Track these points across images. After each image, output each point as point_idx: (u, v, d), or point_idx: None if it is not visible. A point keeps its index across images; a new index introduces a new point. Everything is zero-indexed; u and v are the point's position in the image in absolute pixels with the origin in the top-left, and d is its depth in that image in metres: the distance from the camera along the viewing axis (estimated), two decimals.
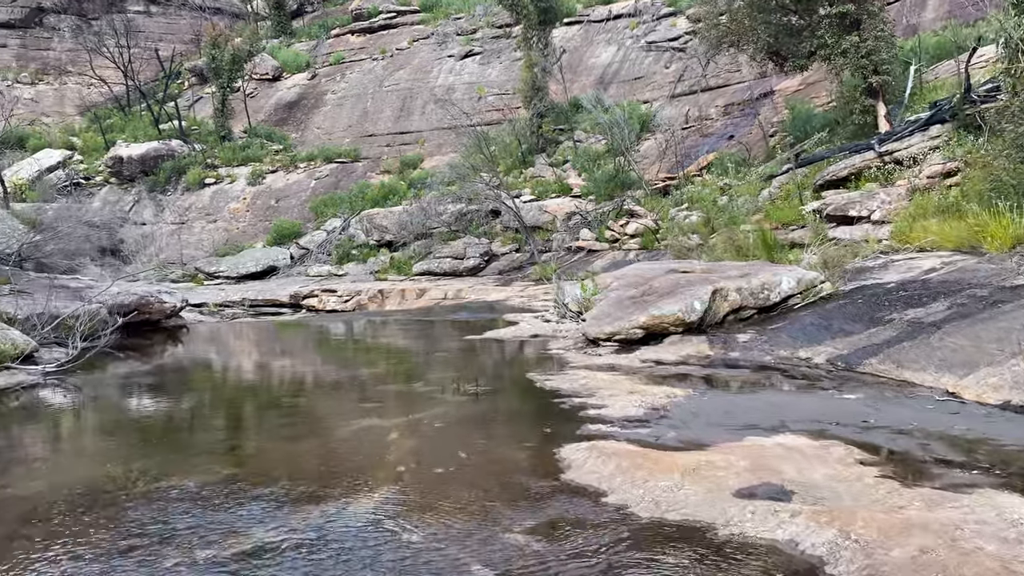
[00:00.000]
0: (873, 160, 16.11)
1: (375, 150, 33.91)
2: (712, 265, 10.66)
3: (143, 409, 6.71)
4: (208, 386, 7.74)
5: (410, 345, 10.28)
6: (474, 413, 5.80)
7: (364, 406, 6.24)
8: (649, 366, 7.46)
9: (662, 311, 8.50)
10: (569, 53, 32.79)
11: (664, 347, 8.30)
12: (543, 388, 6.59)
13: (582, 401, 5.98)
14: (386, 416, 5.82)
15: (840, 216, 14.71)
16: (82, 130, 36.03)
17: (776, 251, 11.72)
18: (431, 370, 7.95)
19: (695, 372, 7.09)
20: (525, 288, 19.63)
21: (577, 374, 7.12)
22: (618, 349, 8.42)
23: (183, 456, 4.92)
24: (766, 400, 5.86)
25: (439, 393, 6.58)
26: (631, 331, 8.51)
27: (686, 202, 21.81)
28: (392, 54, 37.45)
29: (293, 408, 6.38)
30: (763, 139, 23.98)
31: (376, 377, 7.63)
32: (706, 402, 5.82)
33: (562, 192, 25.86)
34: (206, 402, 6.87)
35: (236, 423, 5.89)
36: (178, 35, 40.71)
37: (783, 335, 8.23)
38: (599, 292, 11.02)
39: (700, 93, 27.99)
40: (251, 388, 7.60)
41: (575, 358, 8.12)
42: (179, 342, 12.20)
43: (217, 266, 28.73)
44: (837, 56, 17.88)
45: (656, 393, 6.12)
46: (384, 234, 27.42)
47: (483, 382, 6.98)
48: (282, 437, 5.35)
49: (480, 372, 7.68)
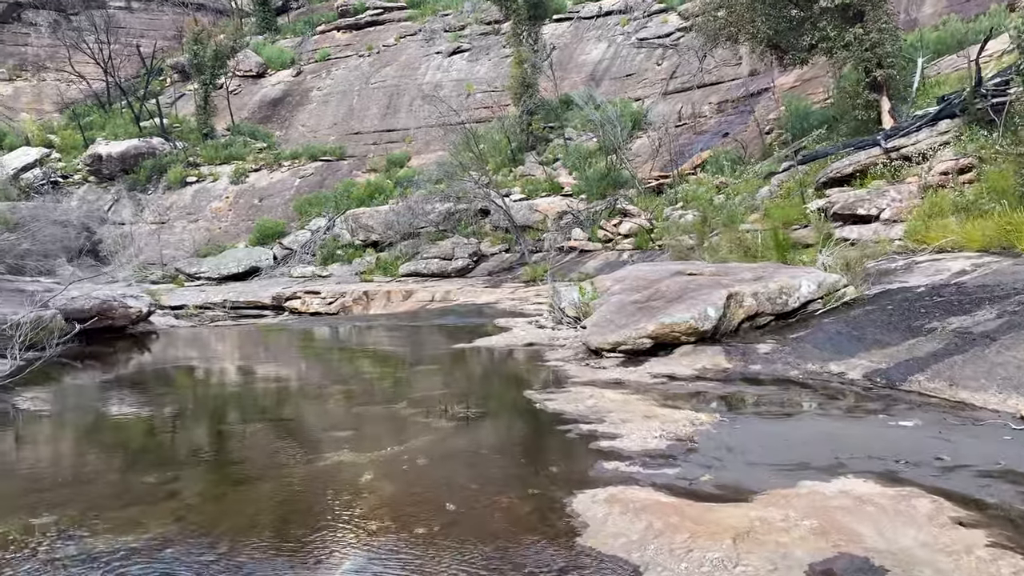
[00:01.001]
0: (879, 157, 15.26)
1: (361, 148, 32.87)
2: (721, 267, 9.73)
3: (76, 436, 5.72)
4: (162, 406, 6.74)
5: (393, 355, 9.30)
6: (464, 445, 4.84)
7: (336, 434, 5.27)
8: (662, 382, 6.52)
9: (673, 319, 7.56)
10: (559, 50, 31.87)
11: (676, 359, 7.36)
12: (544, 410, 5.64)
13: (591, 428, 5.03)
14: (361, 448, 4.85)
15: (848, 215, 13.84)
16: (60, 128, 34.80)
17: (788, 252, 10.80)
18: (415, 386, 6.98)
19: (716, 390, 6.16)
20: (516, 290, 18.68)
21: (581, 392, 6.17)
22: (624, 361, 7.48)
23: (108, 505, 3.94)
24: (809, 428, 4.92)
25: (424, 417, 5.62)
26: (638, 341, 7.57)
27: (681, 201, 20.91)
28: (379, 51, 36.40)
29: (253, 436, 5.40)
30: (759, 136, 23.12)
31: (353, 396, 6.66)
32: (739, 431, 4.88)
33: (553, 191, 24.91)
34: (155, 428, 5.88)
35: (184, 457, 4.91)
36: (160, 31, 39.52)
37: (808, 345, 7.31)
38: (599, 296, 10.08)
39: (694, 90, 27.12)
40: (210, 410, 6.61)
41: (577, 372, 7.18)
42: (146, 350, 11.18)
43: (198, 267, 27.65)
44: (839, 49, 17.02)
45: (677, 419, 5.17)
46: (370, 234, 26.40)
47: (474, 402, 6.03)
48: (234, 479, 4.38)
49: (471, 389, 6.72)
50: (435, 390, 6.68)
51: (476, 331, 11.01)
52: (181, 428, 5.80)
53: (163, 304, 23.28)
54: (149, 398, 7.07)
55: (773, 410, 5.46)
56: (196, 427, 5.83)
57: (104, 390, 7.62)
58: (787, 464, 4.14)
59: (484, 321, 12.15)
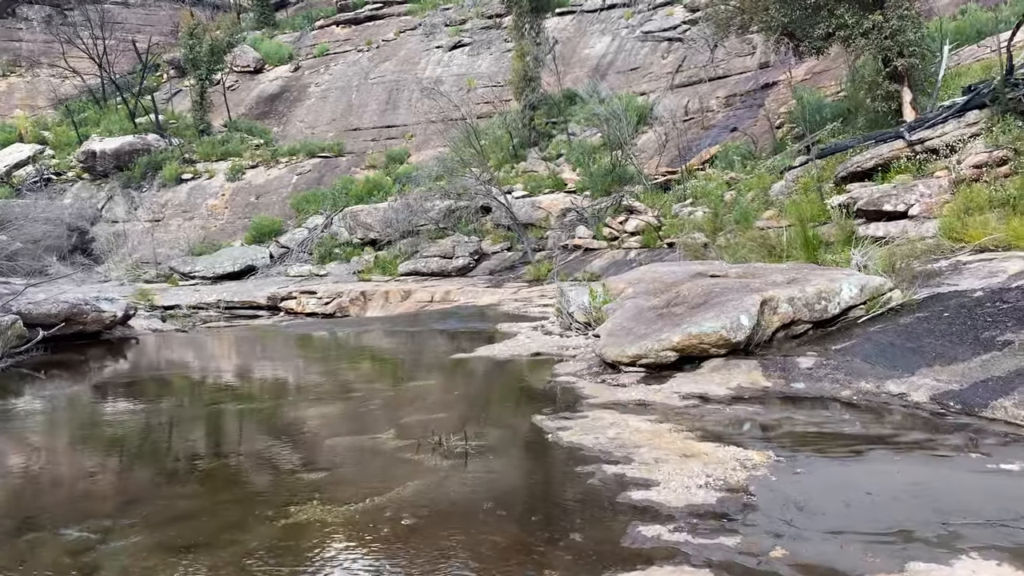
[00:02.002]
0: (903, 150, 14.24)
1: (360, 144, 31.84)
2: (748, 268, 8.71)
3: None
4: (104, 433, 5.75)
5: (385, 368, 8.29)
6: (461, 496, 3.83)
7: (307, 477, 4.27)
8: (694, 404, 5.51)
9: (701, 328, 6.54)
10: (562, 44, 30.83)
11: (706, 375, 6.35)
12: (558, 443, 4.64)
13: (618, 471, 4.03)
14: (334, 498, 3.85)
15: (873, 211, 12.81)
16: (54, 124, 33.78)
17: (817, 251, 9.77)
18: (407, 408, 5.97)
19: (759, 416, 5.15)
20: (519, 290, 17.67)
21: (600, 418, 5.17)
22: (646, 377, 6.47)
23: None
24: (890, 474, 3.90)
25: (414, 452, 4.61)
26: (661, 354, 6.55)
27: (690, 197, 19.90)
28: (378, 45, 35.37)
29: (207, 480, 4.40)
30: (770, 131, 22.08)
31: (334, 422, 5.65)
32: (803, 477, 3.87)
33: (556, 187, 23.88)
34: (86, 464, 4.89)
35: (113, 510, 3.91)
36: (157, 26, 38.45)
37: (856, 359, 6.30)
38: (611, 300, 9.07)
39: (701, 84, 26.08)
40: (161, 441, 5.59)
41: (593, 390, 6.17)
42: (119, 359, 10.18)
43: (192, 266, 26.65)
44: (858, 37, 15.97)
45: (723, 458, 4.17)
46: (368, 232, 25.39)
47: (474, 431, 5.02)
48: (168, 546, 3.37)
49: (470, 413, 5.71)
50: (429, 413, 5.68)
51: (477, 337, 10.02)
52: (118, 466, 4.80)
53: (155, 304, 22.36)
54: (94, 420, 6.08)
55: (836, 446, 4.44)
56: (137, 465, 4.82)
57: (46, 408, 6.61)
58: (882, 532, 3.12)
59: (486, 326, 11.15)
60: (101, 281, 27.10)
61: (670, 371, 6.54)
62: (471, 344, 9.18)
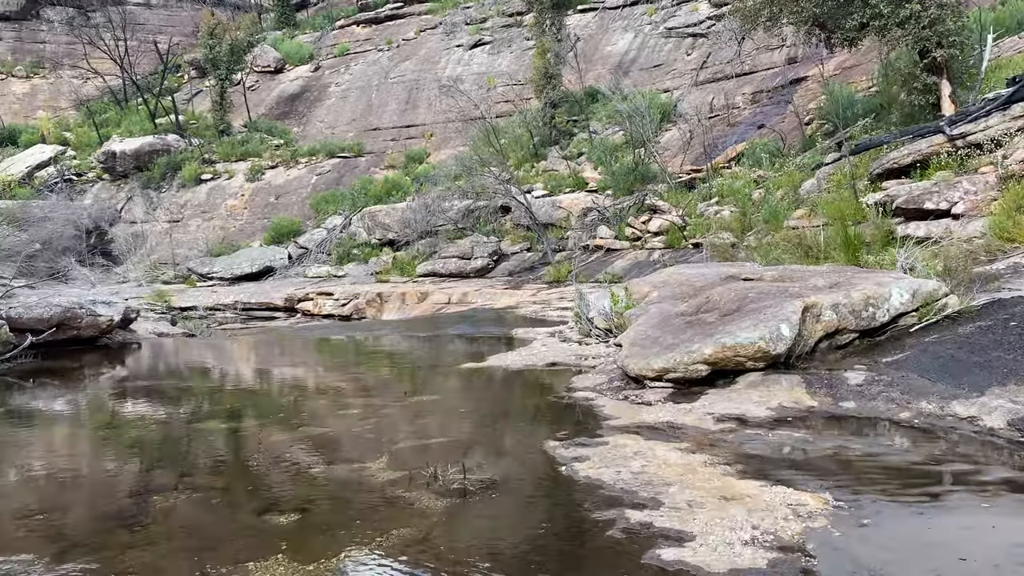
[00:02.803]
0: (943, 145, 13.36)
1: (379, 144, 31.25)
2: (784, 271, 7.92)
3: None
4: (69, 452, 5.12)
5: (387, 379, 7.58)
6: (451, 553, 3.12)
7: (274, 522, 3.57)
8: (731, 429, 4.76)
9: (737, 338, 5.78)
10: (584, 41, 30.03)
11: (742, 392, 5.59)
12: (573, 479, 3.91)
13: (644, 520, 3.30)
14: (302, 551, 3.15)
15: (912, 209, 11.93)
16: (76, 125, 33.50)
17: (859, 252, 8.95)
18: (404, 430, 5.26)
19: (808, 445, 4.38)
20: (537, 292, 16.95)
21: (623, 445, 4.44)
22: (674, 393, 5.72)
23: None
24: (987, 531, 3.13)
25: (405, 487, 3.91)
26: (692, 368, 5.80)
27: (716, 196, 19.07)
28: (398, 45, 34.75)
29: (160, 521, 3.71)
30: (798, 127, 21.19)
31: (320, 446, 4.95)
32: (874, 533, 3.11)
33: (577, 186, 23.12)
34: (31, 494, 4.24)
35: (34, 567, 3.24)
36: (179, 27, 38.12)
37: (912, 374, 5.51)
38: (634, 305, 8.32)
39: (726, 80, 25.21)
40: (122, 465, 4.91)
41: (614, 408, 5.43)
42: (115, 366, 9.58)
43: (211, 266, 26.18)
44: (893, 27, 15.06)
45: (771, 503, 3.42)
46: (387, 232, 24.77)
47: (477, 460, 4.31)
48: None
49: (474, 437, 4.99)
50: (429, 436, 4.97)
51: (491, 344, 9.32)
52: (57, 501, 4.13)
53: (172, 305, 21.90)
54: (62, 446, 5.43)
55: (906, 486, 3.67)
56: (80, 500, 4.15)
57: (17, 427, 5.98)
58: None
59: (501, 331, 10.44)
60: (120, 282, 26.72)
61: (701, 387, 5.79)
62: (483, 351, 8.48)
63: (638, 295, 8.72)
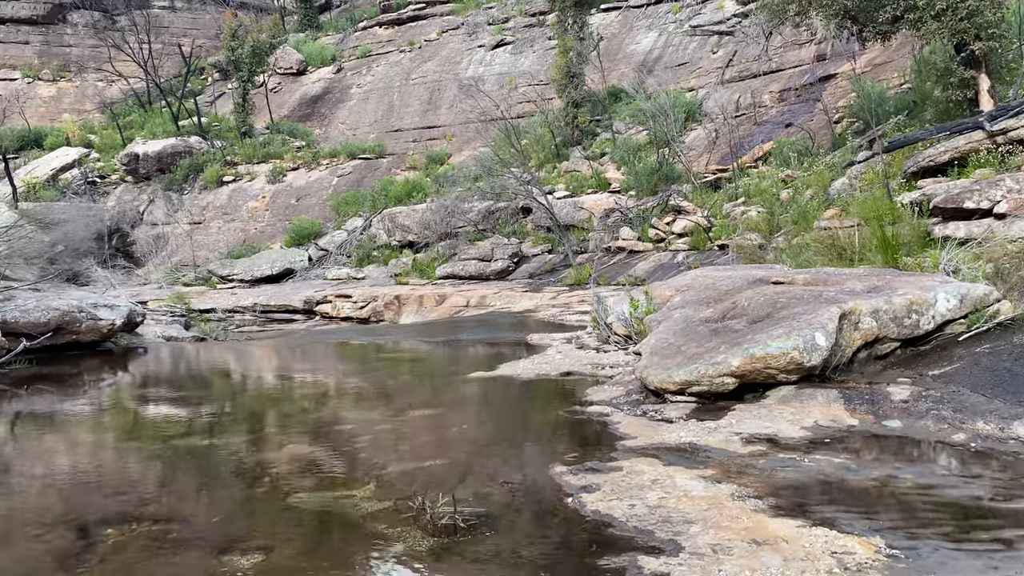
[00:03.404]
0: (982, 141, 12.67)
1: (401, 145, 30.84)
2: (817, 274, 7.31)
3: None
4: (30, 470, 4.67)
5: (389, 389, 7.06)
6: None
7: (233, 564, 3.07)
8: (761, 452, 4.19)
9: (767, 348, 5.20)
10: (607, 40, 29.44)
11: (773, 408, 5.02)
12: (579, 514, 3.38)
13: (660, 568, 2.76)
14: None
15: (951, 209, 11.24)
16: (100, 128, 33.45)
17: (898, 253, 8.31)
18: (398, 451, 4.75)
19: (852, 473, 3.81)
20: (557, 295, 16.40)
21: (639, 471, 3.89)
22: (697, 409, 5.16)
23: None
24: None
25: (388, 521, 3.40)
26: (717, 380, 5.23)
27: (743, 196, 18.42)
28: (420, 46, 34.34)
29: (105, 562, 3.23)
30: (827, 126, 20.47)
31: (302, 468, 4.44)
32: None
33: (600, 187, 22.53)
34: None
35: None
36: (203, 30, 37.97)
37: (963, 389, 4.91)
38: (655, 309, 7.76)
39: (753, 79, 24.50)
40: (83, 488, 4.44)
41: (631, 426, 4.89)
42: (116, 372, 9.18)
43: (231, 268, 25.90)
44: (929, 20, 14.36)
45: (811, 550, 2.86)
46: (407, 234, 24.34)
47: (473, 488, 3.79)
48: None
49: (473, 459, 4.45)
50: (424, 457, 4.45)
51: (504, 351, 8.79)
52: (30, 543, 3.66)
53: (191, 307, 21.62)
54: (22, 451, 4.98)
55: (974, 530, 3.09)
56: (24, 533, 3.67)
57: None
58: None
59: (516, 336, 9.90)
60: (141, 284, 26.54)
61: (727, 401, 5.23)
62: (495, 359, 7.95)
63: (660, 299, 8.16)
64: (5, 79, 34.53)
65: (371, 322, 19.08)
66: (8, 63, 35.14)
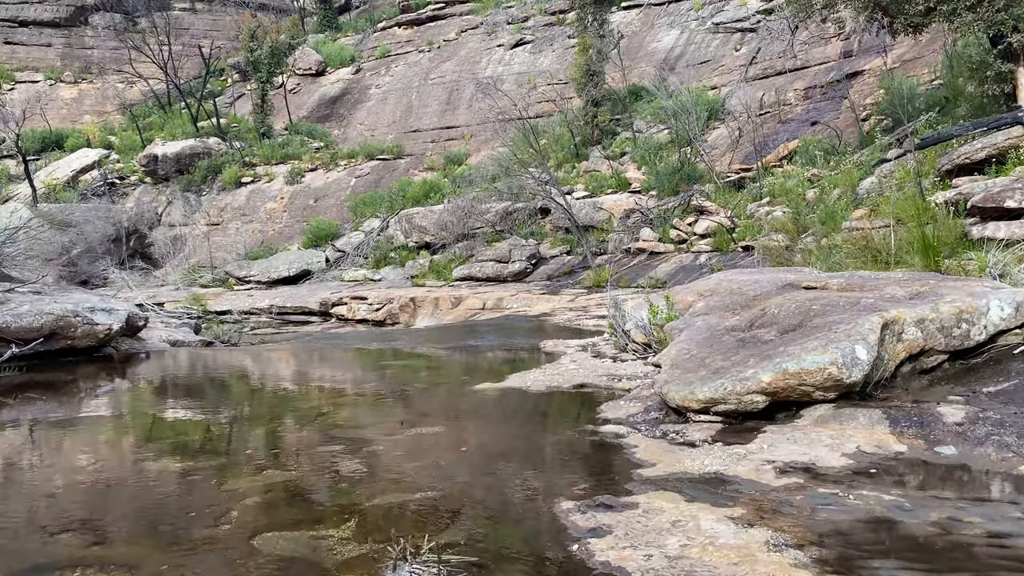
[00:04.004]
0: (1022, 137, 12.03)
1: (419, 146, 30.42)
2: (851, 278, 6.71)
3: None
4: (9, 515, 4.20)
5: (388, 402, 6.51)
6: None
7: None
8: (798, 485, 3.63)
9: (802, 363, 4.62)
10: (628, 39, 28.83)
11: (808, 430, 4.44)
12: (586, 567, 2.84)
13: None
14: None
15: (991, 208, 10.57)
16: (121, 129, 33.31)
17: (939, 256, 7.68)
18: (388, 478, 4.22)
19: (906, 514, 3.23)
20: (575, 298, 15.86)
21: (658, 510, 3.34)
22: (724, 430, 4.60)
23: None
24: None
25: (362, 572, 2.88)
26: (745, 399, 4.67)
27: (767, 196, 17.78)
28: (439, 46, 33.91)
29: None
30: (855, 123, 19.76)
31: (275, 501, 3.94)
32: None
33: (620, 187, 21.96)
34: None
35: None
36: (223, 31, 37.77)
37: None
38: (677, 316, 7.21)
39: (777, 76, 23.80)
40: (26, 522, 4.00)
41: (649, 450, 4.34)
42: (112, 380, 8.75)
43: (248, 270, 25.59)
44: (963, 11, 13.68)
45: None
46: (424, 235, 23.89)
47: (465, 532, 3.26)
48: None
49: (469, 491, 3.91)
50: (414, 487, 3.93)
51: (514, 359, 8.26)
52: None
53: (208, 309, 21.30)
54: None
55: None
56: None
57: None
58: None
59: (530, 343, 9.36)
60: (158, 285, 26.30)
61: (757, 421, 4.66)
62: (506, 368, 7.42)
63: (681, 305, 7.59)
64: (28, 81, 34.53)
65: (386, 324, 18.63)
66: (31, 65, 35.15)
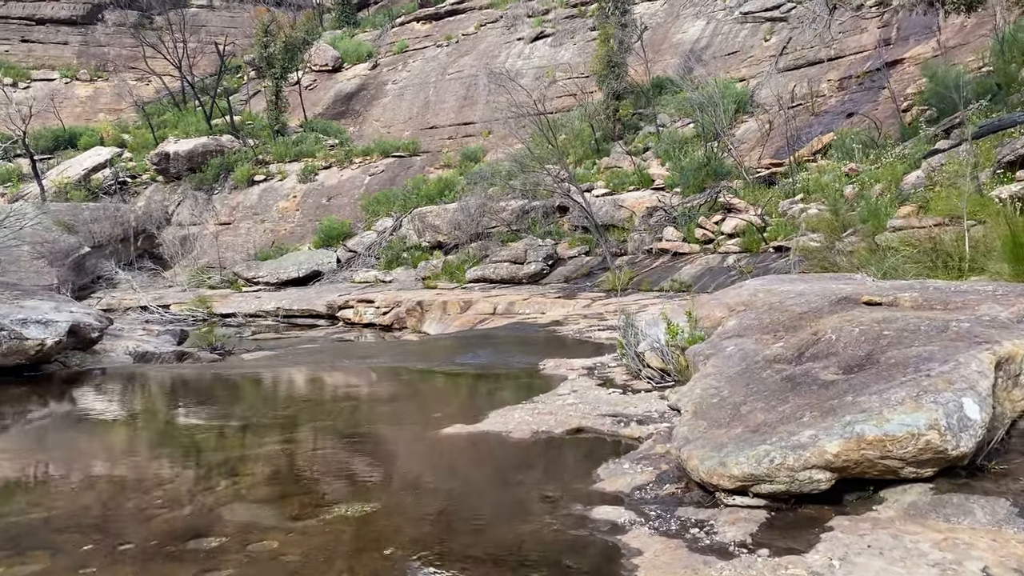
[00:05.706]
0: None
1: (436, 143, 29.02)
2: (926, 291, 5.11)
3: None
4: None
5: (323, 463, 4.94)
6: None
7: None
8: None
9: (885, 427, 3.10)
10: (651, 30, 27.19)
11: (897, 529, 2.91)
12: None
13: None
14: None
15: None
16: (134, 127, 32.30)
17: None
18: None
19: None
20: (592, 303, 14.35)
21: None
22: (769, 521, 3.09)
23: None
24: None
25: None
26: (801, 476, 3.15)
27: (800, 192, 16.15)
28: (457, 40, 32.49)
29: None
30: (895, 114, 18.03)
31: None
32: None
33: (642, 184, 20.38)
34: None
35: None
36: (241, 28, 36.70)
37: None
38: (702, 336, 5.70)
39: (810, 66, 22.09)
40: None
41: (658, 558, 2.85)
42: (43, 405, 7.41)
43: (257, 271, 24.37)
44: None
45: None
46: (436, 234, 22.49)
47: None
48: None
49: None
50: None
51: (503, 388, 6.79)
52: None
53: (213, 312, 20.09)
54: None
55: None
56: None
57: None
58: None
59: (528, 362, 7.86)
60: (166, 286, 25.20)
61: (818, 507, 3.15)
62: (488, 401, 5.95)
63: (708, 321, 6.07)
64: (44, 79, 33.67)
65: (393, 329, 17.33)
66: (47, 63, 34.30)
